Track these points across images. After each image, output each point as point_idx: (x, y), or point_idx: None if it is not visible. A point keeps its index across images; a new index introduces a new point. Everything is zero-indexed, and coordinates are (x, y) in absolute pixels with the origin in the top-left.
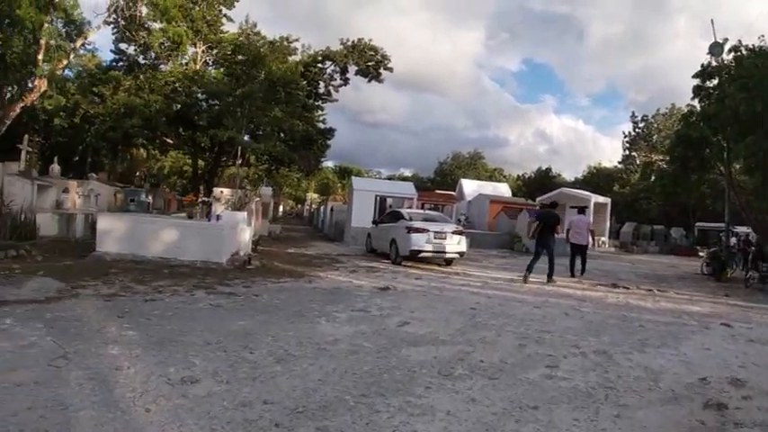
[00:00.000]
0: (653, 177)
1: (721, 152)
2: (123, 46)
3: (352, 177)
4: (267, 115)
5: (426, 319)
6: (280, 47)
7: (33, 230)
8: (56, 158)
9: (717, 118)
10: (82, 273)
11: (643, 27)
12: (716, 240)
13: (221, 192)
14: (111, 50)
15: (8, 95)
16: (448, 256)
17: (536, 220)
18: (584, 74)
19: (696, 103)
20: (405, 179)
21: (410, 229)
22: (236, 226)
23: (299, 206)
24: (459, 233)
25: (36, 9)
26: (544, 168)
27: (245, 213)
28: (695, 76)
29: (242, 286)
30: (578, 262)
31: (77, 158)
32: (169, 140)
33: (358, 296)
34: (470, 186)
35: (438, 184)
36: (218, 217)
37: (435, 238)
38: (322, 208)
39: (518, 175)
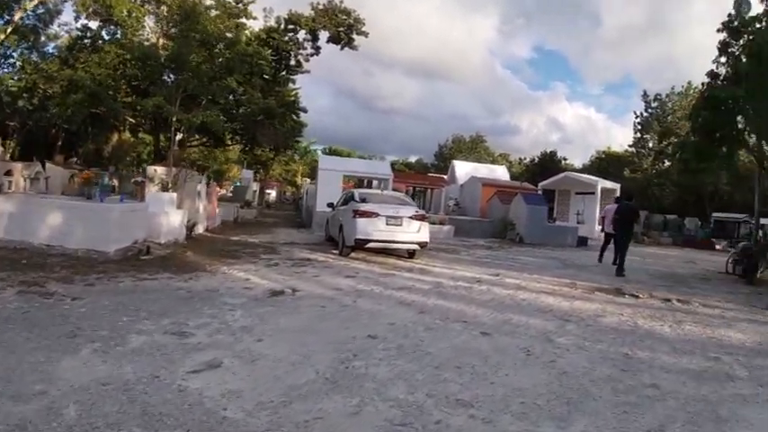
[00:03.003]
0: (672, 152)
1: (757, 119)
2: (86, 22)
3: (319, 155)
4: (210, 83)
5: (266, 357)
6: (227, 6)
7: None
8: None
9: (753, 77)
10: None
11: (661, 13)
12: (747, 233)
13: (155, 170)
14: (77, 28)
15: None
16: (403, 246)
17: (615, 213)
18: (598, 62)
19: (722, 63)
20: (407, 165)
21: (356, 213)
22: (146, 209)
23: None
24: (420, 218)
25: None
26: (549, 152)
27: (173, 195)
28: (720, 30)
29: (85, 284)
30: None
31: (61, 143)
32: (131, 119)
33: (224, 303)
34: (464, 169)
35: (439, 169)
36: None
37: (388, 224)
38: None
39: (520, 159)
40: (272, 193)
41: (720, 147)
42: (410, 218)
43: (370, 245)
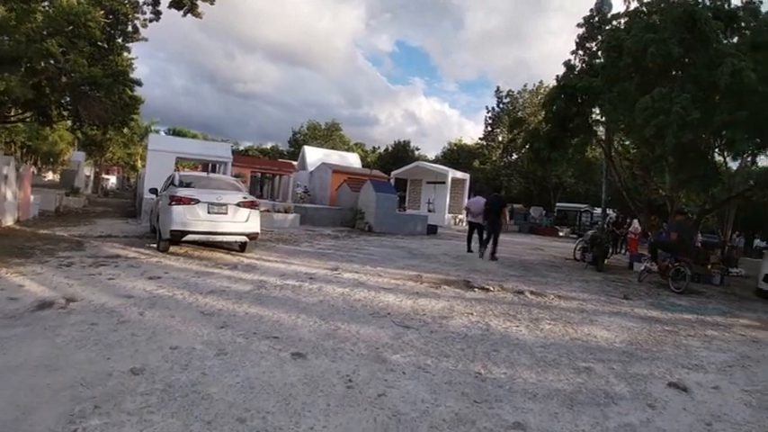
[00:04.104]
0: (524, 141)
1: (612, 111)
2: None
3: (150, 135)
4: (28, 45)
5: None
6: None
7: None
8: None
9: (610, 69)
10: None
11: (521, 22)
12: (592, 222)
13: None
14: None
15: None
16: (229, 238)
17: (485, 204)
18: (457, 61)
19: (580, 56)
20: (262, 151)
21: (173, 200)
22: None
23: None
24: (249, 205)
25: None
26: (402, 142)
27: None
28: (581, 25)
29: None
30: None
31: None
32: None
33: None
34: (314, 155)
35: (294, 156)
36: None
37: (210, 212)
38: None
39: (373, 148)
40: (112, 179)
41: (573, 137)
42: (237, 205)
43: (189, 237)
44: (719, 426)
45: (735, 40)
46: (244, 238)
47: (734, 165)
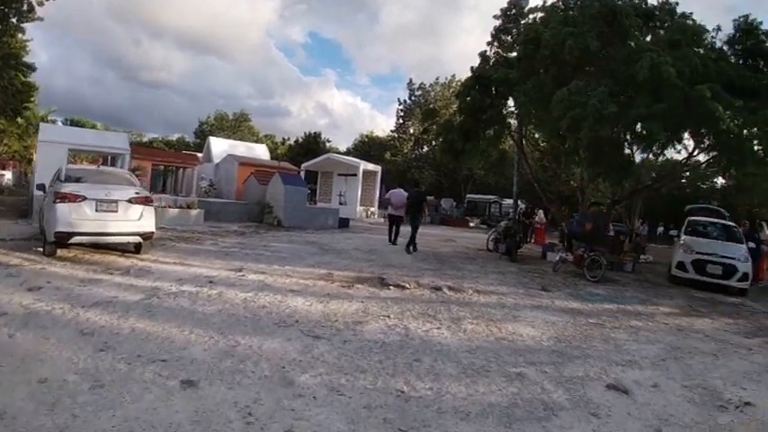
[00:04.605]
0: (437, 132)
1: (528, 103)
2: None
3: (41, 125)
4: None
5: None
6: None
7: None
8: None
9: (526, 61)
10: None
11: (436, 19)
12: (504, 213)
13: None
14: None
15: None
16: (120, 239)
17: (407, 198)
18: (371, 54)
19: (495, 46)
20: (168, 143)
21: (57, 197)
22: None
23: None
24: (143, 202)
25: None
26: (313, 133)
27: None
28: (497, 17)
29: None
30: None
31: None
32: None
33: None
34: (220, 146)
35: (200, 148)
36: None
37: (98, 210)
38: None
39: (283, 139)
40: (7, 175)
41: (487, 128)
42: (128, 201)
43: (77, 239)
44: (669, 430)
45: (649, 38)
46: (137, 239)
47: (638, 157)
